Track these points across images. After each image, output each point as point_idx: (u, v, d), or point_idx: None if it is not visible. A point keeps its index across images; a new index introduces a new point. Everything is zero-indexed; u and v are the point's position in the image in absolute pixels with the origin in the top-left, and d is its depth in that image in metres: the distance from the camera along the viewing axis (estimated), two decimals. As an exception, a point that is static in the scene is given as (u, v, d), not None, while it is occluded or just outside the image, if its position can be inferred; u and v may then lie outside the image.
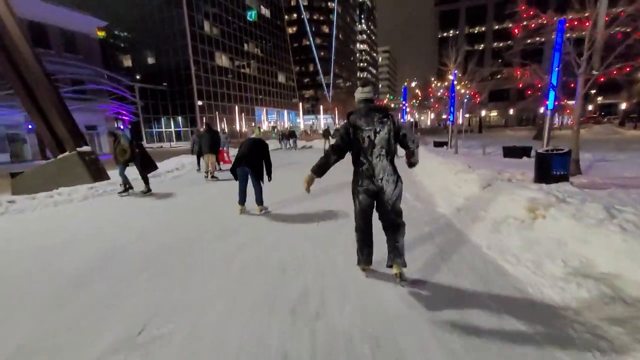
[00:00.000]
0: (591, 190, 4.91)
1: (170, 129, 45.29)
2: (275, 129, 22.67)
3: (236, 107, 44.03)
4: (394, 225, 2.68)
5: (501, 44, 57.26)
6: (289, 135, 22.38)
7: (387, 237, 2.73)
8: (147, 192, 7.59)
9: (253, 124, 56.18)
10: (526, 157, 11.92)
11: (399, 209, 2.70)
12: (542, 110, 19.24)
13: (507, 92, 50.49)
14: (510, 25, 10.17)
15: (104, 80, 27.91)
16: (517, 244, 3.27)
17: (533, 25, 8.11)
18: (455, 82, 13.38)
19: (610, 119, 46.41)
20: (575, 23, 6.94)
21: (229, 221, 5.16)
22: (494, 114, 59.10)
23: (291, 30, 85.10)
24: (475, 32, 63.44)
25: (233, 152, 20.41)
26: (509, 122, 53.10)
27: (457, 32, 64.27)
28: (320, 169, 2.77)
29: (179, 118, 44.80)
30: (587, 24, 6.52)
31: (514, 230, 3.53)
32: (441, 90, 13.53)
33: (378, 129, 2.54)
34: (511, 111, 50.25)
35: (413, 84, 25.85)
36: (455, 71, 13.84)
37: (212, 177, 9.96)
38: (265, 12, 60.62)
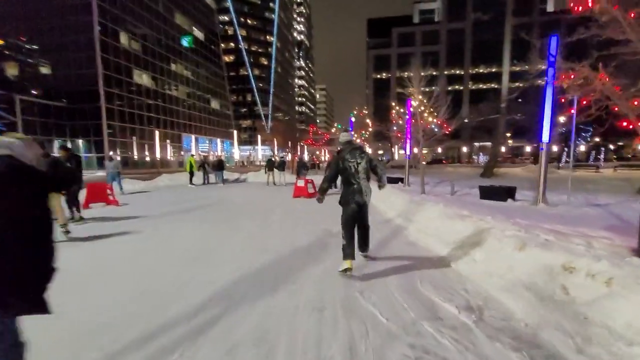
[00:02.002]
0: None
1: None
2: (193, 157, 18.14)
3: (157, 133, 37.72)
4: (367, 227, 4.22)
5: (428, 88, 62.13)
6: (217, 166, 18.00)
7: (361, 236, 4.15)
8: None
9: (182, 152, 49.64)
10: (511, 199, 9.74)
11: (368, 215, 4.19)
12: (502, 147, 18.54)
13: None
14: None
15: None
16: None
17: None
18: (421, 109, 11.14)
19: (522, 159, 51.86)
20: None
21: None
22: (424, 150, 62.10)
23: (228, 58, 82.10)
24: (405, 75, 68.31)
25: (130, 186, 15.24)
26: (437, 158, 55.77)
27: (390, 75, 68.66)
28: (324, 191, 4.03)
29: (80, 142, 36.60)
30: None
31: None
32: (406, 117, 11.03)
33: (359, 161, 3.82)
34: (439, 149, 53.27)
35: (365, 112, 24.27)
36: (417, 97, 11.65)
37: (66, 231, 5.49)
38: (199, 34, 56.68)
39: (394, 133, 14.06)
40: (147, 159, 42.01)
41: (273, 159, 18.70)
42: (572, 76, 6.35)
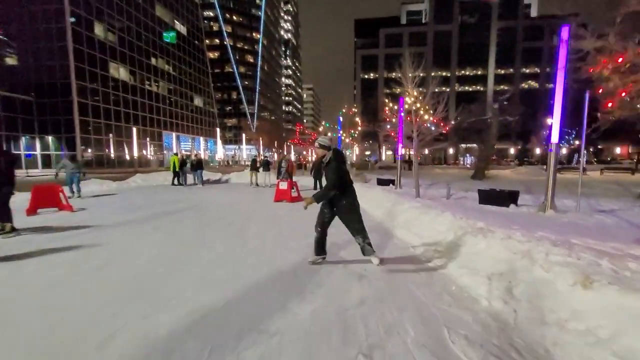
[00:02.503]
0: None
1: (35, 152, 34.14)
2: (177, 156, 16.88)
3: (135, 130, 35.67)
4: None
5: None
6: (195, 165, 16.68)
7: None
8: None
9: (165, 151, 47.53)
10: (513, 205, 8.99)
11: None
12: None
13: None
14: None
15: None
16: None
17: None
18: (416, 106, 10.26)
19: (507, 161, 52.33)
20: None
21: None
22: (411, 152, 61.94)
23: (213, 55, 79.99)
24: (393, 76, 68.29)
25: (97, 187, 13.77)
26: (423, 160, 55.69)
27: (377, 75, 68.44)
28: (320, 199, 3.91)
29: (50, 138, 34.20)
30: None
31: None
32: (402, 114, 10.15)
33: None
34: (426, 151, 53.17)
35: (354, 110, 23.30)
36: (412, 93, 10.79)
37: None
38: (182, 28, 54.57)
39: (386, 131, 13.13)
40: (125, 157, 39.84)
41: (257, 159, 17.54)
42: (621, 58, 5.44)
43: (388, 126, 12.60)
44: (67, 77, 32.38)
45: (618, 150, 58.76)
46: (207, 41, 75.40)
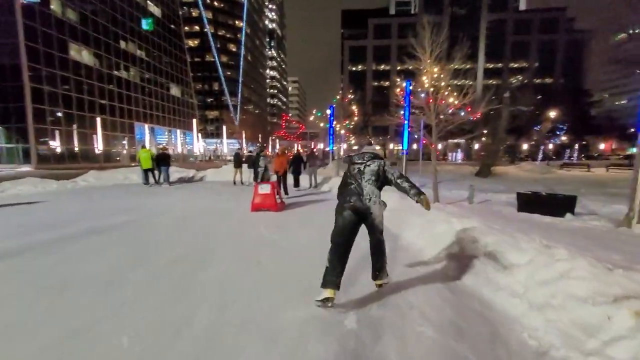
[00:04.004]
0: None
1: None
2: (149, 150, 14.00)
3: (99, 120, 31.73)
4: (380, 242, 2.99)
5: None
6: (161, 160, 13.80)
7: (373, 257, 3.02)
8: None
9: (142, 145, 43.49)
10: (570, 214, 6.81)
11: (382, 228, 2.99)
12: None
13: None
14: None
15: None
16: None
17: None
18: (438, 84, 7.91)
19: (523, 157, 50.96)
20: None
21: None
22: (398, 147, 60.34)
23: (192, 42, 75.31)
24: (381, 69, 66.26)
25: (22, 188, 10.76)
26: (412, 155, 54.25)
27: (366, 68, 66.13)
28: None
29: (-3, 128, 29.99)
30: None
31: None
32: (422, 95, 7.80)
33: (369, 163, 2.98)
34: (414, 145, 51.52)
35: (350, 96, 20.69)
36: (431, 69, 8.42)
37: None
38: (156, 10, 50.20)
39: (398, 119, 10.75)
40: (91, 151, 35.88)
41: (240, 154, 14.90)
42: None
43: (402, 112, 10.17)
44: (16, 58, 28.19)
45: (602, 146, 59.10)
46: (186, 28, 70.83)
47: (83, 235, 5.18)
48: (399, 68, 64.61)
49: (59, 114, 32.86)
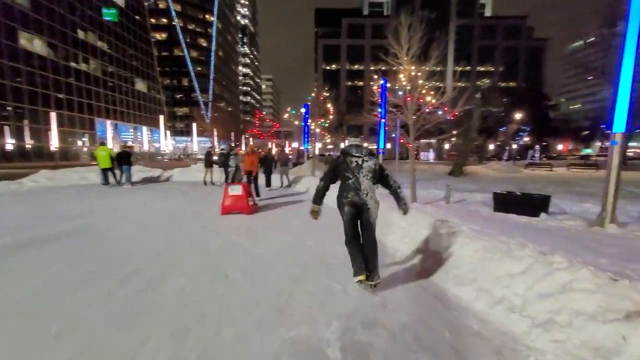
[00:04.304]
0: None
1: None
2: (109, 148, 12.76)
3: (53, 115, 29.15)
4: (374, 242, 3.05)
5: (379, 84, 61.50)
6: (122, 159, 12.72)
7: (365, 252, 3.02)
8: None
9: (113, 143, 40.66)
10: (544, 213, 6.88)
11: (375, 227, 3.07)
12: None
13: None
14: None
15: None
16: None
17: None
18: (415, 83, 7.74)
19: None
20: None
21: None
22: (372, 146, 61.03)
23: (160, 35, 71.89)
24: (355, 69, 66.71)
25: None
26: (386, 155, 55.13)
27: (340, 67, 66.26)
28: (320, 196, 3.15)
29: None
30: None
31: None
32: (400, 93, 7.62)
33: (366, 159, 3.03)
34: (388, 145, 52.34)
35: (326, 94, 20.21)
36: (408, 66, 8.27)
37: None
38: (119, 0, 47.22)
39: (375, 116, 10.55)
40: (46, 149, 32.96)
41: (211, 152, 14.13)
42: None
43: (379, 110, 9.96)
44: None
45: (560, 146, 63.18)
46: (152, 20, 67.47)
47: (18, 247, 4.42)
48: (372, 68, 65.47)
49: (9, 108, 29.88)
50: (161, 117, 51.46)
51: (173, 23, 72.17)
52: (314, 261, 3.89)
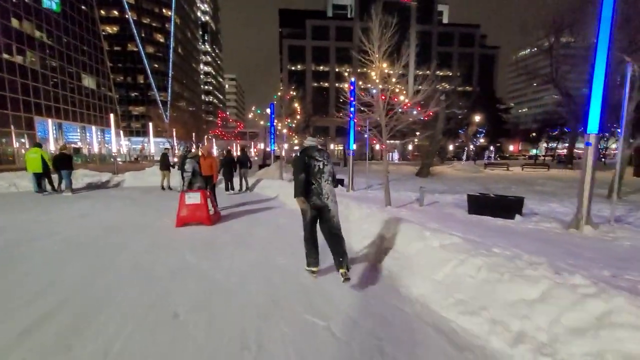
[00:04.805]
0: None
1: None
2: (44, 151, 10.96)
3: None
4: (337, 237, 3.37)
5: (343, 85, 62.00)
6: (58, 162, 11.09)
7: (332, 248, 3.36)
8: None
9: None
10: (518, 215, 6.79)
11: (339, 223, 3.44)
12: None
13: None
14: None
15: None
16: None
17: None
18: (388, 82, 7.38)
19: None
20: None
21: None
22: (340, 147, 61.28)
23: (111, 29, 66.72)
24: (321, 70, 66.62)
25: None
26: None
27: (305, 68, 65.80)
28: (302, 192, 3.24)
29: None
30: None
31: None
32: (374, 91, 7.22)
33: (326, 162, 3.37)
34: (354, 146, 52.75)
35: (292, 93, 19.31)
36: (380, 65, 7.92)
37: None
38: (61, -13, 42.89)
39: (345, 115, 10.08)
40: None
41: (168, 154, 12.85)
42: None
43: (352, 109, 9.51)
44: None
45: (511, 147, 67.81)
46: (102, 11, 62.44)
47: None
48: (337, 70, 65.80)
49: None
50: (112, 116, 47.47)
51: (126, 16, 67.31)
52: (287, 286, 3.23)
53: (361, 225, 5.21)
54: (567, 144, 50.39)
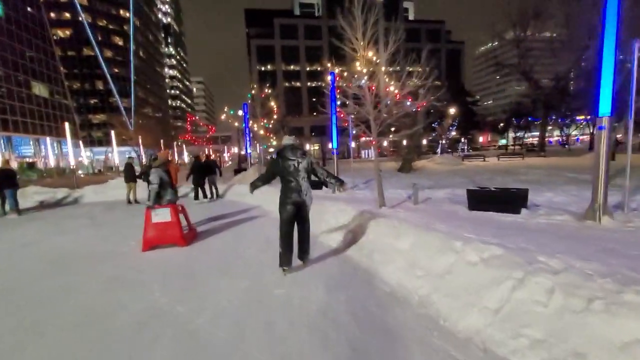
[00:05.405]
0: None
1: None
2: None
3: None
4: (308, 234, 3.78)
5: (315, 84, 61.45)
6: (3, 181, 9.51)
7: (300, 244, 3.76)
8: None
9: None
10: (524, 208, 6.34)
11: (309, 218, 3.78)
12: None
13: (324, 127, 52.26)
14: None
15: None
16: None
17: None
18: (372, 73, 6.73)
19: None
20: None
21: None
22: (316, 147, 60.71)
23: (62, 32, 61.99)
24: (291, 69, 65.58)
25: None
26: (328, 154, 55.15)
27: (275, 68, 64.49)
28: (255, 186, 3.77)
29: None
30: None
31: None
32: (363, 82, 6.56)
33: (300, 160, 3.56)
34: (330, 145, 52.30)
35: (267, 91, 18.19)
36: (364, 53, 7.29)
37: None
38: (1, -13, 39.07)
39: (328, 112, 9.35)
40: None
41: (133, 164, 11.51)
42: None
43: (338, 104, 8.81)
44: None
45: (481, 139, 70.17)
46: (52, 14, 57.89)
47: None
48: (308, 69, 65.07)
49: None
50: (67, 124, 44.00)
51: (79, 19, 62.80)
52: (294, 335, 2.41)
53: (368, 236, 4.47)
54: (533, 133, 52.89)
